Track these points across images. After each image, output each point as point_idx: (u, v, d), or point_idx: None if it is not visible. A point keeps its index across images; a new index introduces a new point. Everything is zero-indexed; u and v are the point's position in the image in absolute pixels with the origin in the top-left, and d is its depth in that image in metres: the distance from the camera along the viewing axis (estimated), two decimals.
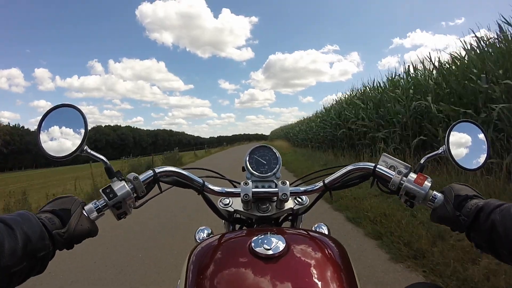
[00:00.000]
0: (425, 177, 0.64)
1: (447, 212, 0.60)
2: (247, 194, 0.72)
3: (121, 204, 0.62)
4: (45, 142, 0.63)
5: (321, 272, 0.52)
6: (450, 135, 0.68)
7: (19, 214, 0.50)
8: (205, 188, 0.75)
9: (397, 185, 0.66)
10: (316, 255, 0.56)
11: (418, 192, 0.63)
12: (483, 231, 0.54)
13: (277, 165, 0.81)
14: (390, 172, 0.68)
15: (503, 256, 0.52)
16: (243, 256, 0.54)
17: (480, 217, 0.55)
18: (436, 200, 0.63)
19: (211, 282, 0.52)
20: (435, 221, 0.63)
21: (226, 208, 0.81)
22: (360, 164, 0.73)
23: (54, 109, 0.64)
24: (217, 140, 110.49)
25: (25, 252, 0.46)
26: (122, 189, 0.62)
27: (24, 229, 0.47)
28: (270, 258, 0.52)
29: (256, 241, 0.55)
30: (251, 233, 0.63)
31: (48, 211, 0.56)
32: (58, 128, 0.64)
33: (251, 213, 0.78)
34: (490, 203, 0.55)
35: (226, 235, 0.67)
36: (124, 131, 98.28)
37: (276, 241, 0.54)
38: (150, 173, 0.69)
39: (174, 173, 0.72)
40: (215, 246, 0.62)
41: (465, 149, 0.70)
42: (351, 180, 0.75)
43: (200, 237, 0.89)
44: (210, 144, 61.65)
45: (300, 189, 0.77)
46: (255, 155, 0.83)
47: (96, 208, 0.61)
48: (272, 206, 0.78)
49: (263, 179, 0.79)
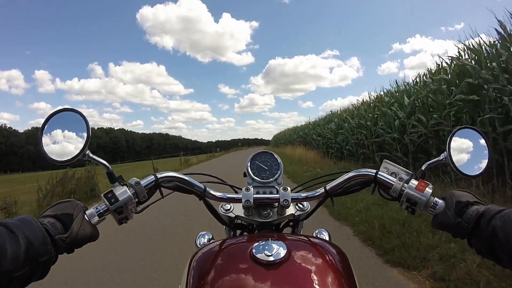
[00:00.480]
0: (426, 183, 0.65)
1: (448, 218, 0.60)
2: (248, 200, 0.72)
3: (122, 209, 0.62)
4: (48, 146, 0.63)
5: (322, 278, 0.52)
6: (451, 142, 0.68)
7: (21, 219, 0.50)
8: (207, 194, 0.75)
9: (398, 191, 0.66)
10: (317, 262, 0.56)
11: (419, 198, 0.63)
12: (483, 237, 0.54)
13: (278, 171, 0.81)
14: (391, 179, 0.68)
15: (504, 261, 0.52)
16: (244, 262, 0.54)
17: (481, 223, 0.55)
18: (437, 206, 0.63)
19: None
20: (436, 228, 0.63)
21: (227, 214, 0.81)
22: (362, 171, 0.73)
23: (56, 113, 0.64)
24: (215, 144, 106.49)
25: (27, 257, 0.46)
26: (123, 194, 0.62)
27: (26, 234, 0.47)
28: (271, 264, 0.52)
29: (257, 247, 0.55)
30: (252, 239, 0.63)
31: (50, 215, 0.55)
32: (60, 132, 0.64)
33: (252, 219, 0.77)
34: (490, 209, 0.56)
35: (227, 241, 0.67)
36: (117, 134, 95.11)
37: (277, 247, 0.54)
38: (151, 178, 0.69)
39: (176, 179, 0.72)
40: (216, 252, 0.62)
41: (466, 155, 0.70)
42: (352, 187, 0.75)
43: (201, 242, 0.89)
44: (208, 148, 57.11)
45: (301, 195, 0.77)
46: (256, 161, 0.83)
47: (98, 213, 0.60)
48: (273, 212, 0.78)
49: (264, 185, 0.79)
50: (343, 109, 12.87)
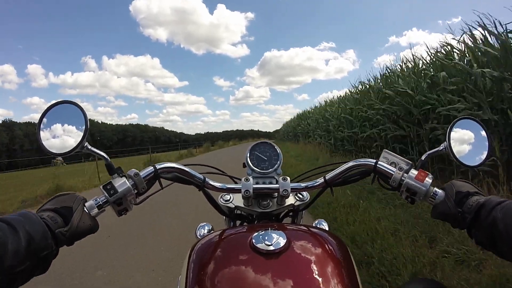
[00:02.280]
0: (426, 173, 0.64)
1: (448, 208, 0.60)
2: (248, 190, 0.72)
3: (121, 201, 0.62)
4: (46, 139, 0.63)
5: (322, 268, 0.53)
6: (452, 132, 0.68)
7: (21, 214, 0.50)
8: (206, 184, 0.75)
9: (398, 181, 0.66)
10: (316, 251, 0.56)
11: (419, 188, 0.63)
12: (484, 227, 0.54)
13: (278, 161, 0.81)
14: (391, 169, 0.68)
15: (504, 252, 0.53)
16: (244, 252, 0.54)
17: (481, 214, 0.55)
18: (437, 196, 0.63)
19: (212, 278, 0.52)
20: (436, 217, 0.63)
21: (227, 204, 0.81)
22: (361, 160, 0.73)
23: (54, 105, 0.64)
24: (204, 137, 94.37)
25: (29, 252, 0.46)
26: (123, 185, 0.62)
27: (26, 229, 0.47)
28: (271, 254, 0.52)
29: (257, 237, 0.55)
30: (252, 229, 0.63)
31: (49, 209, 0.55)
32: (58, 124, 0.64)
33: (252, 209, 0.78)
34: (491, 200, 0.56)
35: (227, 231, 0.67)
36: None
37: (277, 237, 0.54)
38: (151, 169, 0.69)
39: (175, 169, 0.72)
40: (216, 242, 0.62)
41: (466, 146, 0.69)
42: (352, 176, 0.75)
43: (201, 233, 0.89)
44: (196, 141, 49.65)
45: (301, 185, 0.77)
46: (256, 151, 0.83)
47: (97, 205, 0.60)
48: (273, 202, 0.78)
49: (264, 175, 0.79)
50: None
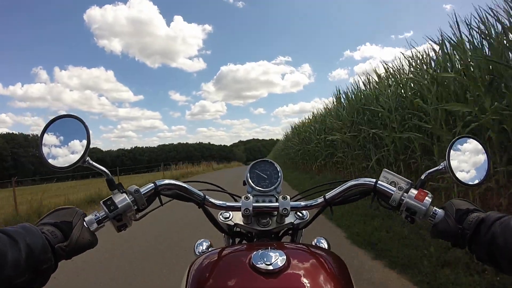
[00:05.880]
0: (426, 193, 0.64)
1: (449, 226, 0.60)
2: (248, 209, 0.72)
3: (121, 216, 0.62)
4: (47, 153, 0.63)
5: (321, 287, 0.52)
6: (451, 151, 0.68)
7: (22, 227, 0.50)
8: (206, 202, 0.75)
9: (397, 201, 0.66)
10: (316, 271, 0.56)
11: (419, 208, 0.63)
12: (484, 243, 0.54)
13: (278, 179, 0.81)
14: (391, 188, 0.68)
15: (504, 267, 0.53)
16: (243, 271, 0.53)
17: (481, 229, 0.56)
18: (436, 215, 0.63)
19: None
20: (436, 237, 0.63)
21: (227, 222, 0.80)
22: (361, 180, 0.73)
23: (56, 119, 0.64)
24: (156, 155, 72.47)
25: (28, 264, 0.46)
26: (123, 201, 0.62)
27: (27, 241, 0.47)
28: (271, 273, 0.51)
29: (256, 256, 0.54)
30: (251, 247, 0.63)
31: (49, 223, 0.55)
32: (60, 138, 0.64)
33: (251, 227, 0.77)
34: (490, 215, 0.56)
35: (226, 249, 0.66)
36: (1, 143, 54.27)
37: (276, 256, 0.54)
38: (151, 186, 0.69)
39: (175, 186, 0.72)
40: (215, 260, 0.61)
41: (465, 164, 0.70)
42: (351, 196, 0.75)
43: (200, 250, 0.88)
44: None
45: (300, 204, 0.77)
46: (256, 169, 0.83)
47: (97, 220, 0.60)
48: (272, 220, 0.78)
49: (264, 193, 0.79)
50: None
